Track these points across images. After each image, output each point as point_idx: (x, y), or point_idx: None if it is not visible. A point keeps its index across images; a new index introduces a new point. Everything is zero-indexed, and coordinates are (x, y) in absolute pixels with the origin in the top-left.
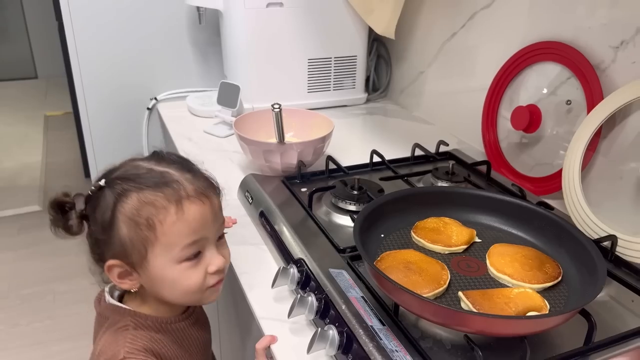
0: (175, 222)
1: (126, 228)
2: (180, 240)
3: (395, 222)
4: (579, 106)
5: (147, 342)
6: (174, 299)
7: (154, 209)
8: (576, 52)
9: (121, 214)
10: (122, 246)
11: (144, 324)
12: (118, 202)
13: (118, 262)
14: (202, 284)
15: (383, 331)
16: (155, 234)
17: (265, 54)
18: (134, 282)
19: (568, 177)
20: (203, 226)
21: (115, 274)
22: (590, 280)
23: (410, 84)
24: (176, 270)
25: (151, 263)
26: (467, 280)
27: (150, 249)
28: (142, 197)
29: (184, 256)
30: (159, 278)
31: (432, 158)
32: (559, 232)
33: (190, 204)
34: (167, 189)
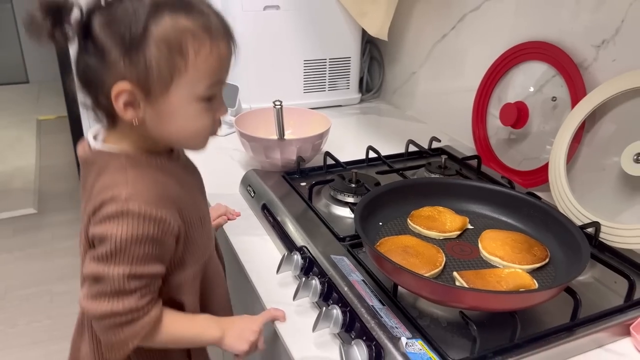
0: (209, 56)
1: (156, 50)
2: (208, 76)
3: (393, 211)
4: (564, 102)
5: (150, 185)
6: (176, 138)
7: (191, 36)
8: (560, 52)
9: (154, 32)
10: (145, 69)
11: (140, 163)
12: (151, 17)
13: (130, 86)
14: (209, 127)
15: (383, 310)
16: (187, 63)
17: (262, 55)
18: (138, 113)
19: (554, 169)
20: (227, 67)
21: (122, 101)
22: (576, 260)
23: (402, 84)
24: (192, 107)
25: (172, 94)
26: (461, 263)
27: (177, 78)
28: (178, 20)
29: (205, 95)
30: (171, 112)
31: (425, 154)
32: (545, 218)
33: (222, 40)
34: (201, 17)
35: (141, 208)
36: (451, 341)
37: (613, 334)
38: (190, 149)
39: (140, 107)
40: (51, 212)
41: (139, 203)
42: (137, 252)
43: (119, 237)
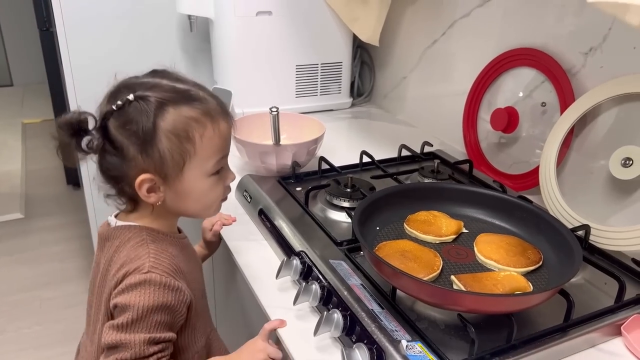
0: (212, 137)
1: (167, 141)
2: (214, 154)
3: (389, 215)
4: (553, 108)
5: (169, 258)
6: (193, 211)
7: (195, 123)
8: (549, 58)
9: (162, 126)
10: (160, 159)
11: (159, 238)
12: (158, 114)
13: (151, 176)
14: (222, 195)
15: (383, 314)
16: (195, 147)
17: (255, 60)
18: (160, 195)
19: (544, 172)
20: (229, 142)
21: (145, 189)
22: (568, 263)
23: (393, 89)
24: (205, 183)
25: (186, 175)
26: (458, 266)
27: (188, 161)
28: (181, 111)
29: (214, 170)
30: (187, 191)
31: (417, 158)
32: (538, 222)
33: (222, 120)
34: (199, 104)
35: (162, 278)
36: (449, 343)
37: (605, 334)
38: (205, 217)
39: (160, 190)
40: (38, 217)
41: (160, 273)
42: (156, 319)
43: (142, 305)
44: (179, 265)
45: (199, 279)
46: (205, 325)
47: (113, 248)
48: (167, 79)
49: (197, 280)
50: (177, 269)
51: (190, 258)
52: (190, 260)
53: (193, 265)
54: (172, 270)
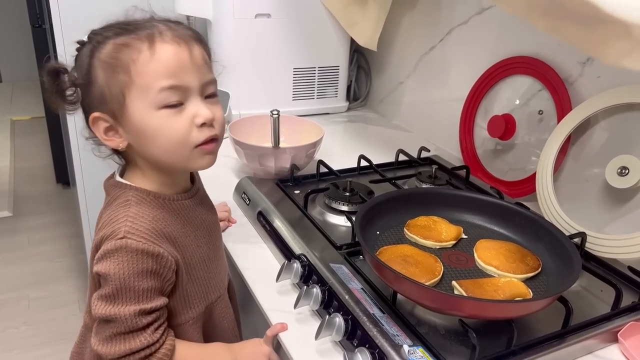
0: (149, 61)
1: (103, 73)
2: (155, 81)
3: (389, 220)
4: (550, 116)
5: (150, 222)
6: (160, 154)
7: (127, 49)
8: (547, 67)
9: (98, 59)
10: (101, 94)
11: (146, 200)
12: (95, 49)
13: (100, 114)
14: (186, 135)
15: (384, 318)
16: (130, 75)
17: (252, 62)
18: (120, 138)
19: (541, 180)
20: (181, 70)
21: (102, 130)
22: (567, 270)
23: (389, 94)
24: (156, 117)
25: (130, 109)
26: (458, 272)
27: (127, 93)
28: (118, 41)
29: (163, 101)
30: (140, 128)
31: (414, 163)
32: (536, 229)
33: (163, 42)
34: (142, 30)
35: (138, 244)
36: (450, 348)
37: (602, 341)
38: (184, 168)
39: (119, 132)
40: (27, 216)
41: (137, 239)
42: (143, 287)
43: (122, 274)
44: (163, 229)
45: (200, 244)
46: (207, 292)
47: (104, 204)
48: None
49: (196, 245)
50: (160, 233)
51: (192, 221)
52: (190, 223)
53: (193, 229)
54: (151, 235)
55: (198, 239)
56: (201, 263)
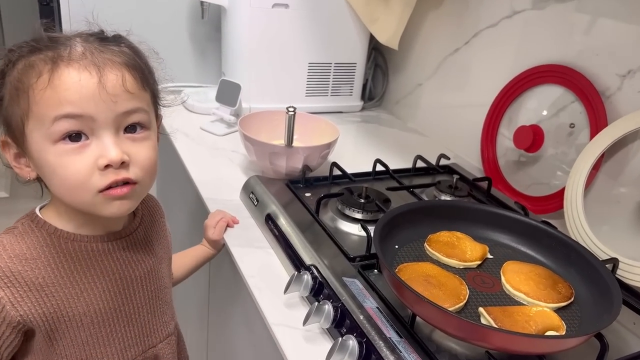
0: (46, 87)
1: (8, 96)
2: (49, 110)
3: (409, 233)
4: (582, 130)
5: (8, 260)
6: (60, 195)
7: (30, 71)
8: (582, 77)
9: (7, 82)
10: (6, 119)
11: (33, 233)
12: (9, 68)
13: (5, 138)
14: (84, 179)
15: (401, 343)
16: (29, 102)
17: (266, 54)
18: (29, 168)
19: (570, 198)
20: (82, 99)
21: (12, 155)
22: (604, 302)
23: (406, 95)
24: (52, 152)
25: (29, 139)
26: (484, 297)
27: (26, 121)
28: (27, 61)
29: (58, 134)
30: (38, 163)
31: (432, 170)
32: (568, 252)
33: (67, 67)
34: (51, 51)
35: None
36: None
37: None
38: (94, 213)
39: (27, 162)
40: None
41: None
42: None
43: None
44: (24, 273)
45: (100, 296)
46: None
47: None
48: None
49: (90, 298)
50: (15, 276)
51: (97, 268)
52: (91, 270)
53: (94, 278)
54: (1, 274)
55: (97, 292)
56: (88, 322)
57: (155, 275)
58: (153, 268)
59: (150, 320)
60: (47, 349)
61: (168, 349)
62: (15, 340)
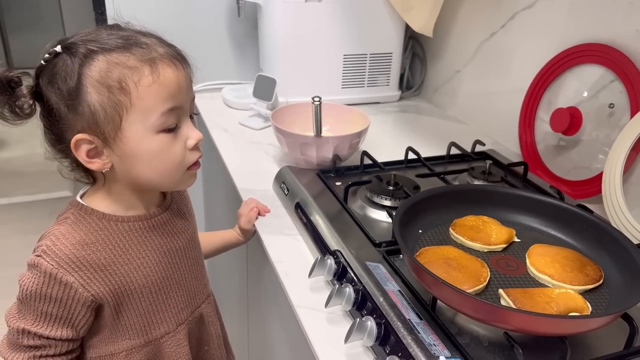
0: (152, 84)
1: (96, 93)
2: (157, 105)
3: (433, 218)
4: (622, 110)
5: (72, 246)
6: (149, 178)
7: (127, 70)
8: (622, 55)
9: (88, 77)
10: (92, 115)
11: (85, 220)
12: (84, 64)
13: (87, 136)
14: (182, 160)
15: (420, 325)
16: (130, 98)
17: (301, 48)
18: (104, 161)
19: (609, 181)
20: (179, 92)
21: (84, 152)
22: (634, 284)
23: (445, 83)
24: (154, 141)
25: (126, 133)
26: (507, 279)
27: (125, 115)
28: (111, 59)
29: (163, 125)
30: (134, 152)
31: (467, 157)
32: (600, 235)
33: (165, 65)
34: (137, 49)
35: (48, 266)
36: None
37: None
38: (172, 188)
39: (104, 154)
40: None
41: (49, 261)
42: (41, 309)
43: (25, 289)
44: (87, 257)
45: (152, 269)
46: (150, 326)
47: None
48: (113, 29)
49: (144, 271)
50: (80, 261)
51: (143, 244)
52: (139, 246)
53: (143, 253)
54: (67, 261)
55: (148, 266)
56: (147, 292)
57: (194, 243)
58: (192, 236)
59: (195, 284)
60: (113, 321)
61: (210, 308)
62: (89, 316)
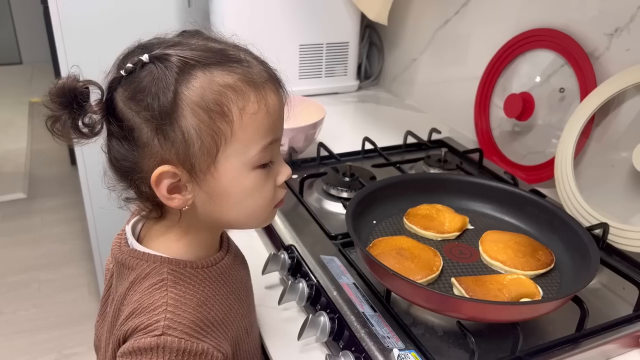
0: (257, 112)
1: (193, 117)
2: (260, 137)
3: (388, 208)
4: (572, 94)
5: (194, 310)
6: (236, 219)
7: (232, 94)
8: (570, 40)
9: (186, 97)
10: (184, 144)
11: (185, 275)
12: (181, 80)
13: (174, 168)
14: (272, 198)
15: (375, 317)
16: (232, 127)
17: (255, 38)
18: (186, 197)
19: (560, 165)
20: (280, 122)
21: (165, 187)
22: (583, 267)
23: (402, 72)
24: (249, 178)
25: (220, 168)
26: (460, 267)
27: (223, 147)
28: (214, 76)
29: (261, 160)
30: (226, 190)
31: (424, 146)
32: (551, 219)
33: (270, 91)
34: (238, 66)
35: (180, 342)
36: (447, 352)
37: (622, 346)
38: (252, 227)
39: (187, 190)
40: (41, 197)
41: (179, 336)
42: None
43: None
44: (209, 315)
45: (244, 310)
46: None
47: (129, 281)
48: (199, 37)
49: (240, 313)
50: (206, 322)
51: (233, 285)
52: (230, 286)
53: (235, 294)
54: (196, 327)
55: (241, 306)
56: (245, 334)
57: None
58: (249, 274)
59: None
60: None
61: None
62: None
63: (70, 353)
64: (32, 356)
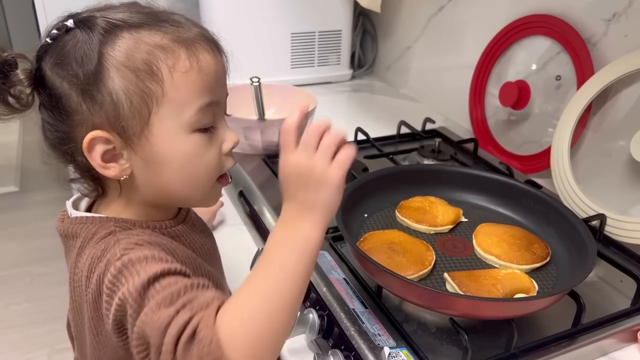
0: (189, 70)
1: (120, 78)
2: (194, 97)
3: (379, 201)
4: (569, 82)
5: (148, 236)
6: (176, 188)
7: (160, 51)
8: (567, 26)
9: (111, 58)
10: (113, 106)
11: (135, 226)
12: (106, 41)
13: (105, 133)
14: (216, 166)
15: (365, 314)
16: (163, 86)
17: (247, 27)
18: (124, 166)
19: (557, 154)
20: (218, 85)
21: (99, 154)
22: (579, 260)
23: (396, 60)
24: (188, 142)
25: (155, 130)
26: (453, 261)
27: (155, 108)
28: (141, 37)
29: (198, 123)
30: (163, 154)
31: (418, 136)
32: (547, 211)
33: (203, 50)
34: (169, 27)
35: (143, 250)
36: (440, 350)
37: (619, 341)
38: (199, 203)
39: (123, 157)
40: (33, 191)
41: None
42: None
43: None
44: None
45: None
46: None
47: (76, 247)
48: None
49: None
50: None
51: (198, 246)
52: (197, 249)
53: (203, 256)
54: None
55: (210, 266)
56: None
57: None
58: (215, 245)
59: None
60: None
61: None
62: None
63: (64, 347)
64: (25, 350)
